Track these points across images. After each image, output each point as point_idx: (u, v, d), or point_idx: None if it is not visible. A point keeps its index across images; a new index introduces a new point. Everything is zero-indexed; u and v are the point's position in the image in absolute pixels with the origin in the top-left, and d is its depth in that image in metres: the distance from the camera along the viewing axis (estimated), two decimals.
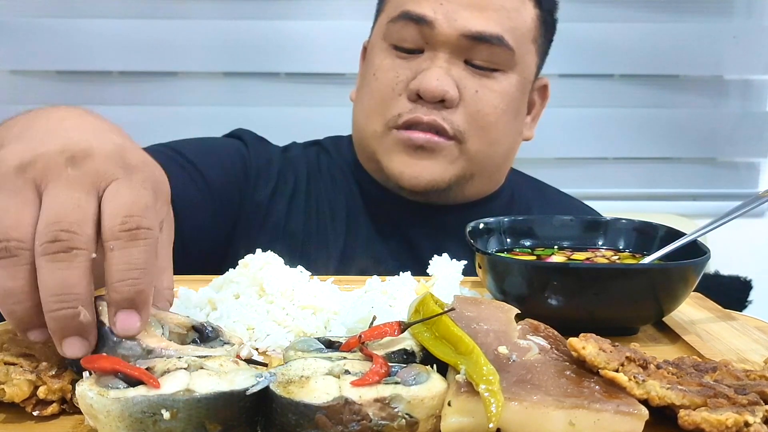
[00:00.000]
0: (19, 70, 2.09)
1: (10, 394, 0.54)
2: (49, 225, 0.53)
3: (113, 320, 0.55)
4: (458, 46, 1.11)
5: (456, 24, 1.09)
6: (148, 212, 0.56)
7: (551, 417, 0.50)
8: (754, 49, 2.18)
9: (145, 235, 0.55)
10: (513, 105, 1.17)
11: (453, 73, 1.11)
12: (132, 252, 0.54)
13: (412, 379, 0.53)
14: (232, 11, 2.08)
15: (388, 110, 1.14)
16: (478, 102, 1.12)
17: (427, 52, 1.13)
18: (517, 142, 1.27)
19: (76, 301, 0.53)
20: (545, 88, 1.30)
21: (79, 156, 0.56)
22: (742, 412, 0.51)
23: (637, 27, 2.14)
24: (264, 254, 0.86)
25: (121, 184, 0.56)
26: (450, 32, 1.10)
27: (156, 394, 0.49)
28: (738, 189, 2.26)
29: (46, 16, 2.05)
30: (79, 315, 0.53)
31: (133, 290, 0.54)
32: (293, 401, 0.50)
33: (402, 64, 1.14)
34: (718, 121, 2.23)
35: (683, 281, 0.75)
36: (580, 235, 0.95)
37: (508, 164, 1.29)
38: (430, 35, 1.11)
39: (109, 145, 0.59)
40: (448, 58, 1.11)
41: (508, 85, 1.15)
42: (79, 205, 0.54)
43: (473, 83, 1.12)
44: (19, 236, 0.53)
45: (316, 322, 0.78)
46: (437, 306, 0.64)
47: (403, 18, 1.12)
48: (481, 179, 1.22)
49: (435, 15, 1.10)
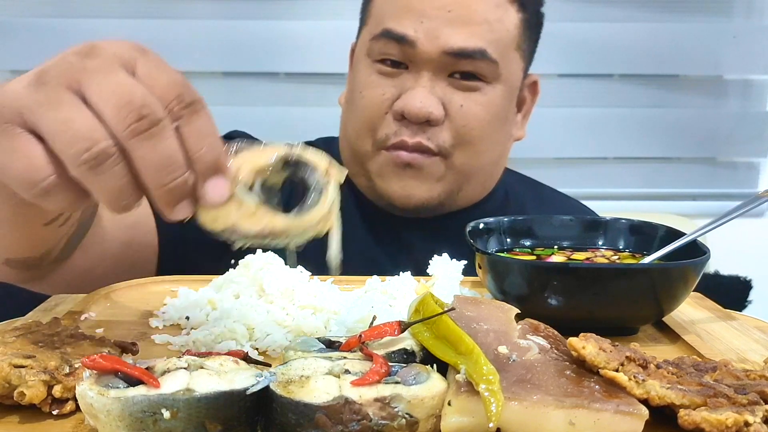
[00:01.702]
0: (19, 70, 2.09)
1: (29, 396, 0.54)
2: (122, 108, 0.52)
3: (203, 193, 0.55)
4: (441, 63, 1.10)
5: (438, 42, 1.08)
6: (189, 84, 0.56)
7: (551, 417, 0.50)
8: (754, 49, 2.17)
9: (202, 104, 0.56)
10: (499, 114, 1.17)
11: (437, 90, 1.11)
12: (199, 122, 0.55)
13: (412, 378, 0.53)
14: (231, 11, 2.08)
15: (376, 131, 1.14)
16: (464, 116, 1.12)
17: (411, 69, 1.12)
18: (507, 146, 1.26)
19: (181, 168, 0.54)
20: (535, 85, 1.29)
21: (87, 49, 0.55)
22: (742, 411, 0.51)
23: (637, 27, 2.14)
24: (264, 254, 0.86)
25: (147, 63, 0.56)
26: (432, 50, 1.09)
27: (156, 394, 0.49)
28: (738, 189, 2.26)
29: (46, 16, 2.05)
30: (187, 180, 0.54)
31: (214, 154, 0.55)
32: (293, 401, 0.50)
33: (387, 82, 1.13)
34: (718, 121, 2.23)
35: (683, 281, 0.75)
36: (580, 235, 0.95)
37: (499, 168, 1.29)
38: (412, 54, 1.10)
39: (103, 40, 0.57)
40: (432, 76, 1.11)
41: (494, 96, 1.14)
42: (132, 82, 0.53)
43: (458, 97, 1.12)
44: (104, 135, 0.52)
45: (316, 322, 0.78)
46: (437, 306, 0.64)
47: (385, 36, 1.11)
48: (472, 188, 1.22)
49: (416, 34, 1.09)
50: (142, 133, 0.52)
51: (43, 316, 0.80)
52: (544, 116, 2.17)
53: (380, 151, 1.14)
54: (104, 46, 0.56)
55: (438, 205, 1.18)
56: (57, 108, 0.52)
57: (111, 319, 0.83)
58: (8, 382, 0.55)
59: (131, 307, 0.86)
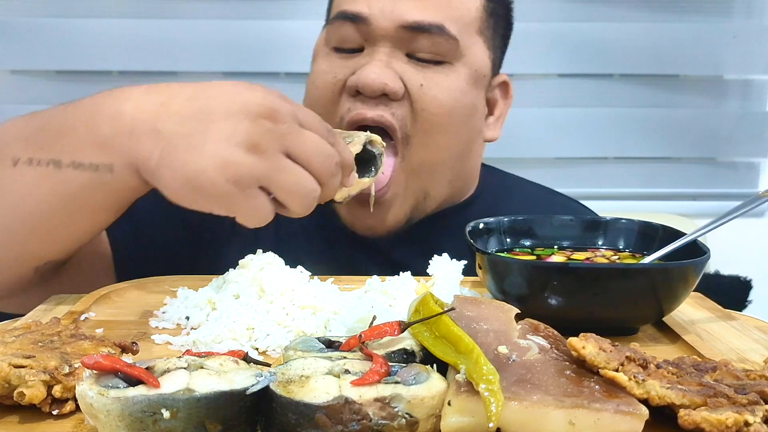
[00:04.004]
0: (19, 70, 2.09)
1: (29, 396, 0.54)
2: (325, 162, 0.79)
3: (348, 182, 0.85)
4: (398, 39, 1.05)
5: (392, 16, 1.04)
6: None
7: (551, 416, 0.50)
8: (754, 49, 2.17)
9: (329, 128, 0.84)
10: (464, 101, 1.10)
11: (395, 66, 1.05)
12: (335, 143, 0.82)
13: (412, 378, 0.53)
14: (232, 11, 2.08)
15: (331, 116, 1.07)
16: (424, 97, 1.05)
17: (366, 49, 1.07)
18: (476, 143, 1.18)
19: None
20: (506, 86, 1.22)
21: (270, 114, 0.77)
22: (742, 411, 0.51)
23: (637, 27, 2.14)
24: (264, 255, 0.86)
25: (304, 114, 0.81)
26: (387, 25, 1.04)
27: (156, 394, 0.49)
28: (738, 189, 2.26)
29: (46, 16, 2.05)
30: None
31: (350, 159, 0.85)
32: (293, 401, 0.50)
33: (341, 64, 1.08)
34: (718, 121, 2.23)
35: (683, 281, 0.75)
36: (580, 235, 0.95)
37: (469, 168, 1.21)
38: (367, 32, 1.06)
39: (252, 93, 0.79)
40: (389, 52, 1.06)
41: (456, 78, 1.08)
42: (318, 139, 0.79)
43: (417, 76, 1.06)
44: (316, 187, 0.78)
45: (316, 322, 0.78)
46: (437, 306, 0.64)
47: (340, 18, 1.08)
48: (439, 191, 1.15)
49: (370, 10, 1.05)
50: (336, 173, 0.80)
51: (43, 316, 0.80)
52: (544, 116, 2.18)
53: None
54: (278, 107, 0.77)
55: (406, 223, 1.13)
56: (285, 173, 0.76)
57: (111, 319, 0.83)
58: (8, 382, 0.55)
59: (131, 307, 0.86)
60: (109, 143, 0.80)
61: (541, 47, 2.12)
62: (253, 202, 0.76)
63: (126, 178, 0.81)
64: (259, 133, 0.75)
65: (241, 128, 0.75)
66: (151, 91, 0.82)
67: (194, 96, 0.80)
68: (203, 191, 0.75)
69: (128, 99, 0.81)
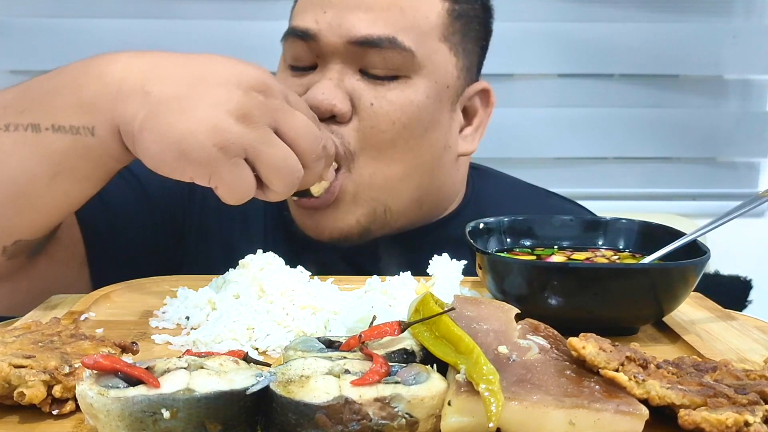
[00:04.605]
0: (19, 70, 2.09)
1: (29, 396, 0.54)
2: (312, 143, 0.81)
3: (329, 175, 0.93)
4: (349, 55, 1.00)
5: (340, 31, 0.99)
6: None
7: (551, 416, 0.50)
8: (754, 49, 2.18)
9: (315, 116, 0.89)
10: (421, 116, 1.03)
11: (346, 84, 1.01)
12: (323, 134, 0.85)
13: (412, 378, 0.53)
14: (231, 11, 2.08)
15: None
16: (373, 116, 1.00)
17: (319, 67, 1.04)
18: (441, 158, 1.10)
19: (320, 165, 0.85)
20: (486, 93, 1.14)
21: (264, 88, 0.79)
22: (742, 411, 0.51)
23: (637, 27, 2.14)
24: (264, 255, 0.86)
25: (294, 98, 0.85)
26: (335, 41, 1.00)
27: (156, 394, 0.49)
28: (738, 189, 2.26)
29: (46, 16, 2.05)
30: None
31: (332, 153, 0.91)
32: (293, 401, 0.50)
33: (294, 82, 1.05)
34: (718, 121, 2.23)
35: (683, 281, 0.75)
36: (580, 235, 0.95)
37: (442, 184, 1.14)
38: (317, 48, 1.02)
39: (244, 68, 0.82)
40: (340, 69, 1.01)
41: (413, 93, 1.02)
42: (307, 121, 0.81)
43: (369, 95, 1.01)
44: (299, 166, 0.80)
45: (316, 322, 0.78)
46: (437, 306, 0.64)
47: (291, 35, 1.05)
48: (405, 207, 1.09)
49: (318, 26, 1.01)
50: (321, 158, 0.83)
51: (43, 316, 0.80)
52: (544, 116, 2.19)
53: None
54: (270, 83, 0.80)
55: (363, 232, 1.06)
56: (273, 147, 0.77)
57: (111, 319, 0.83)
58: (8, 382, 0.55)
59: (131, 307, 0.86)
60: (92, 104, 0.78)
61: (541, 47, 2.12)
62: (237, 171, 0.76)
63: (108, 143, 0.78)
64: (251, 104, 0.76)
65: (234, 97, 0.75)
66: (143, 55, 0.81)
67: (187, 63, 0.80)
68: (188, 155, 0.74)
69: (117, 61, 0.80)
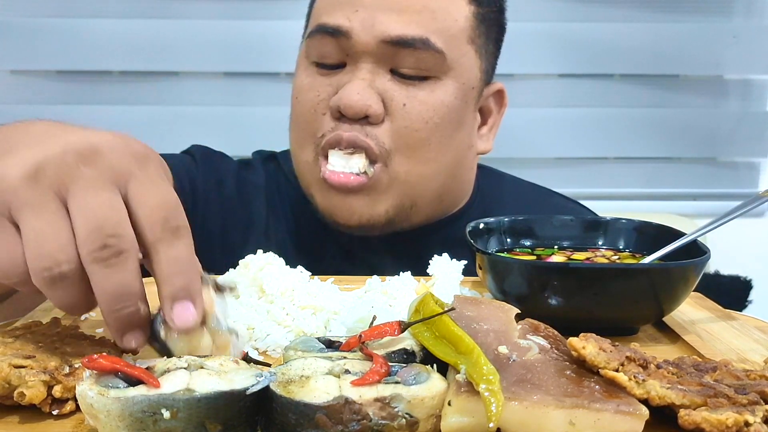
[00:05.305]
0: (19, 70, 2.09)
1: (29, 397, 0.54)
2: (92, 233, 0.54)
3: (170, 315, 0.56)
4: (381, 55, 1.01)
5: (374, 30, 0.99)
6: (180, 208, 0.58)
7: (551, 417, 0.50)
8: (754, 49, 2.18)
9: (186, 230, 0.57)
10: (451, 117, 1.05)
11: (377, 84, 1.01)
12: (178, 247, 0.56)
13: (412, 378, 0.53)
14: (232, 11, 2.08)
15: (315, 135, 1.05)
16: (407, 116, 1.02)
17: (348, 66, 1.03)
18: (466, 157, 1.14)
19: (134, 298, 0.56)
20: (501, 94, 1.17)
21: (87, 153, 0.56)
22: (742, 411, 0.51)
23: (637, 27, 2.14)
24: (264, 255, 0.86)
25: (142, 181, 0.57)
26: (368, 40, 1.00)
27: (156, 394, 0.49)
28: (738, 189, 2.26)
29: (46, 16, 2.06)
30: (140, 310, 0.57)
31: (185, 280, 0.56)
32: (293, 401, 0.50)
33: (323, 81, 1.04)
34: (718, 121, 2.23)
35: (683, 281, 0.75)
36: (580, 235, 0.95)
37: (461, 183, 1.17)
38: (348, 46, 1.01)
39: (108, 137, 0.59)
40: (372, 69, 1.02)
41: (443, 94, 1.04)
42: (113, 206, 0.55)
43: (401, 95, 1.02)
44: (67, 258, 0.54)
45: (316, 322, 0.78)
46: (437, 306, 0.64)
47: (319, 32, 1.04)
48: (428, 204, 1.11)
49: (350, 24, 1.00)
50: (103, 261, 0.54)
51: (43, 316, 0.80)
52: (544, 116, 2.19)
53: (319, 160, 1.05)
54: (105, 153, 0.57)
55: (387, 223, 1.08)
56: (39, 215, 0.54)
57: None
58: (8, 383, 0.55)
59: None
60: None
61: (541, 47, 2.12)
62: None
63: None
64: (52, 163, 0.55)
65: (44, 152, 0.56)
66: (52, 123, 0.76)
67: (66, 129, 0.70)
68: None
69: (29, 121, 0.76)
